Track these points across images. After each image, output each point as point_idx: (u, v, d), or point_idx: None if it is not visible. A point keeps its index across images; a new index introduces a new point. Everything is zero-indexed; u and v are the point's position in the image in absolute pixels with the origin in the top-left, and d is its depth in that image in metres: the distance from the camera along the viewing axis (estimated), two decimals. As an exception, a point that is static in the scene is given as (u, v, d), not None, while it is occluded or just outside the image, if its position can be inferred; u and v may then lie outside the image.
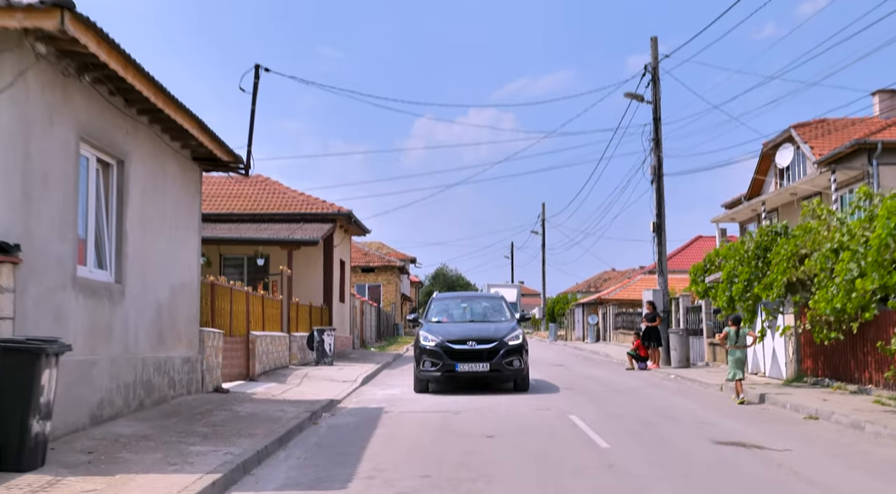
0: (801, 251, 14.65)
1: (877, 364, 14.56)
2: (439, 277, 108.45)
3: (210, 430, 10.05)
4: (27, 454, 7.42)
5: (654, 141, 23.89)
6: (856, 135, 28.08)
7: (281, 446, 9.69)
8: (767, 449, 9.52)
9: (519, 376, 16.45)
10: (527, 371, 16.67)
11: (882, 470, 8.38)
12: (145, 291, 11.57)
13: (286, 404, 13.15)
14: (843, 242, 12.11)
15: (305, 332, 23.88)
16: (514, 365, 16.22)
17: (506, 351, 16.12)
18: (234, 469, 7.79)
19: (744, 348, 15.04)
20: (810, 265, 13.69)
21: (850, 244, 11.62)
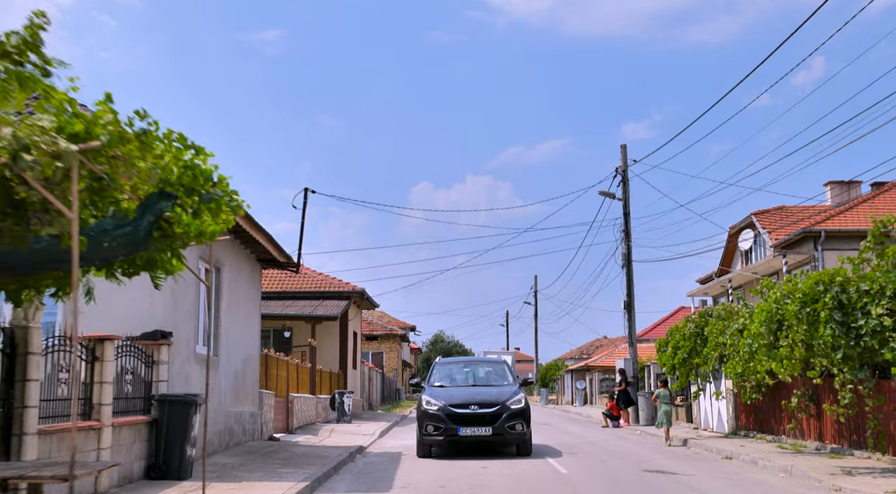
0: (726, 330, 18.87)
1: (787, 418, 18.63)
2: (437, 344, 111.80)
3: (283, 462, 14.08)
4: (184, 469, 11.50)
5: (625, 232, 28.25)
6: (809, 222, 32.46)
7: (336, 472, 13.72)
8: (679, 474, 13.57)
9: (521, 440, 16.46)
10: (529, 435, 16.70)
11: (750, 486, 12.42)
12: (229, 361, 15.71)
13: (328, 448, 17.16)
14: (744, 324, 16.34)
15: (327, 394, 27.86)
16: (517, 429, 16.20)
17: (508, 415, 16.15)
18: (313, 481, 11.83)
19: (669, 404, 19.41)
20: (722, 340, 17.92)
21: (749, 326, 15.82)
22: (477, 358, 24.97)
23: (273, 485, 11.13)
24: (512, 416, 16.17)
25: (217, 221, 6.06)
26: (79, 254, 5.35)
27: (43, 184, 4.69)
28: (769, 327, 14.73)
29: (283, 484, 11.20)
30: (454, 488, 11.88)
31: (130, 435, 11.04)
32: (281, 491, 10.60)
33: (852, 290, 13.04)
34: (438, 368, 18.98)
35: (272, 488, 10.90)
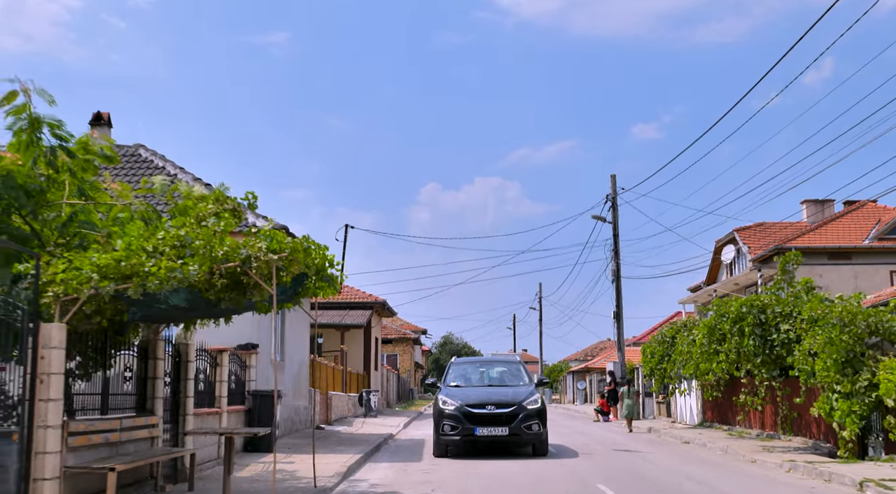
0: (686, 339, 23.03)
1: (738, 412, 22.78)
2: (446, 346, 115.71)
3: (337, 443, 18.33)
4: (268, 445, 15.71)
5: (614, 251, 32.43)
6: (785, 238, 36.52)
7: (377, 450, 17.94)
8: (641, 452, 17.77)
9: (538, 440, 16.57)
10: (546, 435, 16.80)
11: (691, 459, 16.59)
12: (290, 365, 19.97)
13: (365, 435, 21.38)
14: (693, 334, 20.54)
15: (355, 393, 32.10)
16: (534, 429, 16.30)
17: (525, 415, 16.24)
18: (364, 454, 16.04)
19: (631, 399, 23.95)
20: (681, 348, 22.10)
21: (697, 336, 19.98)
22: (492, 358, 24.08)
23: (338, 457, 15.36)
24: (528, 416, 16.24)
25: (330, 290, 10.32)
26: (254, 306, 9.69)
27: (257, 275, 8.93)
28: (710, 338, 18.92)
29: (345, 456, 15.43)
30: (471, 459, 16.10)
31: (236, 419, 15.29)
32: (346, 458, 14.84)
33: (769, 312, 17.23)
34: (454, 368, 18.97)
35: (338, 457, 15.13)
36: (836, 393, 14.87)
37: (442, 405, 16.73)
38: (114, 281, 8.71)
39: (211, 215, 9.68)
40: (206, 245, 8.87)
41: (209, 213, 9.60)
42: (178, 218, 9.58)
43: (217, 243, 9.01)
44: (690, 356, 20.17)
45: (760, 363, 17.15)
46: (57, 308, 8.64)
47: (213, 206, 9.71)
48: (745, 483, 12.87)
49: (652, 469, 14.78)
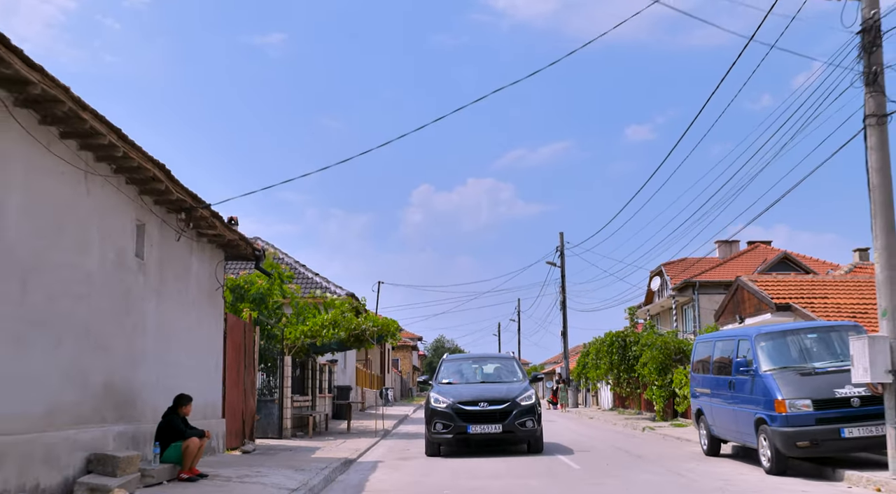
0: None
1: (626, 399, 35.58)
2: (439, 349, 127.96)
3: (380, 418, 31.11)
4: (345, 417, 28.56)
5: (562, 288, 45.21)
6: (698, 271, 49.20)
7: (402, 422, 30.67)
8: (556, 421, 30.54)
9: (532, 437, 16.21)
10: (540, 432, 16.43)
11: (584, 425, 29.36)
12: (350, 370, 32.68)
13: (392, 414, 34.06)
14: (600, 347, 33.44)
15: (376, 389, 44.84)
16: (528, 426, 15.90)
17: (518, 412, 15.85)
18: (398, 422, 28.80)
19: (565, 392, 36.64)
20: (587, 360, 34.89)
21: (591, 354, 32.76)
22: (485, 355, 23.46)
23: (386, 422, 28.01)
24: (522, 413, 15.88)
25: (394, 341, 23.12)
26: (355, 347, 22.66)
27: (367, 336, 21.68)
28: (595, 354, 31.75)
29: (390, 421, 28.11)
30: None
31: (329, 400, 27.96)
32: (390, 422, 27.60)
33: (630, 339, 30.07)
34: (446, 365, 18.66)
35: (387, 422, 27.80)
36: (654, 385, 27.63)
37: (434, 403, 16.40)
38: (308, 339, 21.40)
39: (347, 309, 22.40)
40: (348, 324, 21.56)
41: (347, 308, 22.35)
42: (335, 309, 22.19)
43: (350, 321, 21.68)
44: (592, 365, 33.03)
45: (623, 370, 30.00)
46: (287, 349, 21.32)
47: (347, 305, 22.48)
48: (599, 430, 25.60)
49: (553, 427, 27.49)
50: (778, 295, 20.98)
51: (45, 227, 8.51)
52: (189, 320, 13.36)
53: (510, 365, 18.73)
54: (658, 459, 15.45)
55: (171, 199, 11.46)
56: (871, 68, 11.72)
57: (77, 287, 9.20)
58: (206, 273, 14.40)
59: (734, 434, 14.53)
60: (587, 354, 37.43)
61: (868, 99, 11.81)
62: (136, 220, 11.01)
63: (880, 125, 11.75)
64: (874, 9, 11.79)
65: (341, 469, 13.76)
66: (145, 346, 11.33)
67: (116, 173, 10.17)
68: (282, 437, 20.32)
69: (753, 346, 13.73)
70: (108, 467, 9.18)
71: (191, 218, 12.34)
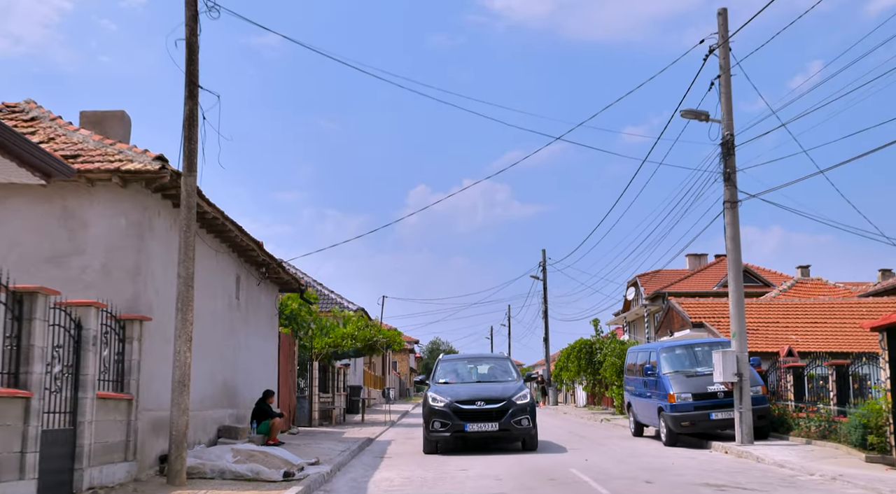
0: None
1: (597, 398, 41.26)
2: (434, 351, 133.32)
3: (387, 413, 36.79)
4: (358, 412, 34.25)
5: (544, 299, 50.88)
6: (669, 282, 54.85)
7: (405, 415, 36.34)
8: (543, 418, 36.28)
9: (528, 435, 16.44)
10: (535, 430, 16.66)
11: (560, 418, 35.06)
12: (358, 371, 38.35)
13: (396, 410, 39.72)
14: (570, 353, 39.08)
15: (378, 388, 50.49)
16: (523, 424, 16.11)
17: (514, 411, 16.06)
18: (402, 415, 34.46)
19: (544, 391, 42.27)
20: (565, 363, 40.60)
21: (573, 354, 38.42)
22: (480, 355, 24.19)
23: (391, 415, 33.65)
24: (518, 411, 16.14)
25: (399, 348, 28.83)
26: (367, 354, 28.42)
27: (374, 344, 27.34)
28: (567, 359, 37.48)
29: (395, 415, 33.76)
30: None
31: (342, 399, 33.61)
32: (395, 415, 33.26)
33: (596, 346, 35.78)
34: (443, 365, 18.82)
35: (392, 415, 33.44)
36: (614, 385, 33.28)
37: (431, 402, 16.57)
38: (331, 348, 27.06)
39: (361, 323, 28.07)
40: (362, 335, 27.20)
41: (361, 323, 28.02)
42: (352, 324, 27.82)
43: (364, 333, 27.32)
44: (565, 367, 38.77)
45: (589, 373, 35.70)
46: (314, 356, 26.96)
47: (362, 322, 28.16)
48: (567, 422, 31.25)
49: (531, 419, 33.07)
50: (695, 315, 26.66)
51: (199, 286, 14.19)
52: (260, 338, 19.03)
53: (505, 365, 18.91)
54: (596, 439, 21.12)
55: (257, 260, 17.17)
56: (727, 170, 17.45)
57: (211, 321, 14.85)
58: (269, 303, 20.10)
59: (648, 419, 20.22)
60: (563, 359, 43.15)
61: (725, 190, 17.53)
62: (236, 274, 16.69)
63: (732, 208, 17.48)
64: (729, 130, 17.50)
65: (367, 443, 19.42)
66: (240, 358, 16.99)
67: (229, 247, 15.87)
68: (311, 425, 25.94)
69: (658, 356, 19.47)
70: (231, 434, 14.85)
71: (267, 269, 18.05)
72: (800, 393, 18.83)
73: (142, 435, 11.36)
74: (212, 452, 12.26)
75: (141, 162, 11.21)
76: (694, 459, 15.43)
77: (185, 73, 11.08)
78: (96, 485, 9.86)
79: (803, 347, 23.21)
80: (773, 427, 18.67)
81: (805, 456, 14.71)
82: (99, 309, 9.99)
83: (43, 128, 12.57)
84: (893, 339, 13.89)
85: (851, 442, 15.03)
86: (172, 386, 11.01)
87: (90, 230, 11.38)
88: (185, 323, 10.99)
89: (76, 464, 9.46)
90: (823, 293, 38.85)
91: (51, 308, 8.76)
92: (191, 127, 11.04)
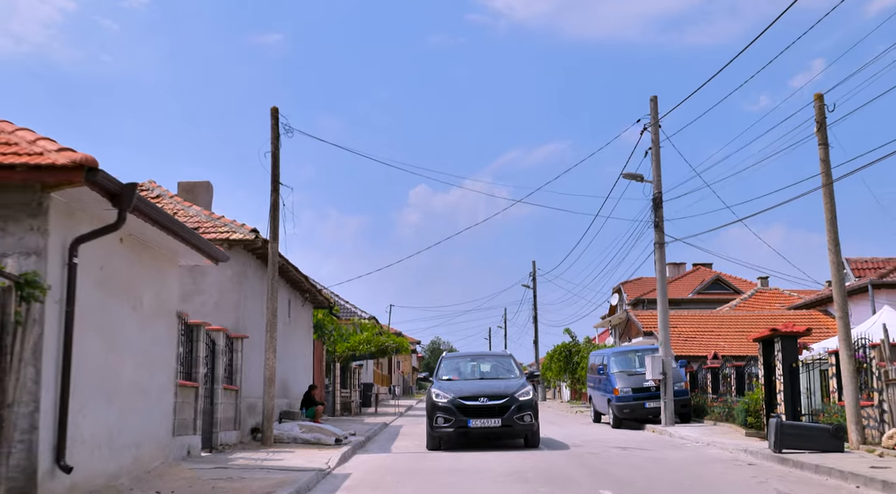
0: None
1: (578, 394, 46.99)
2: (435, 350, 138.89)
3: (394, 406, 42.55)
4: (371, 405, 40.02)
5: (534, 304, 56.67)
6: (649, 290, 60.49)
7: (410, 409, 42.11)
8: (522, 409, 42.10)
9: (530, 431, 16.67)
10: (538, 426, 16.86)
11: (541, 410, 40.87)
12: (369, 371, 44.16)
13: (402, 404, 45.51)
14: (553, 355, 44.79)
15: (386, 385, 56.28)
16: (526, 420, 16.36)
17: (517, 407, 16.32)
18: (407, 409, 40.26)
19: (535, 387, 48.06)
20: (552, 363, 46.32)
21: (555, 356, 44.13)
22: (483, 352, 24.75)
23: (399, 408, 39.39)
24: (521, 408, 16.35)
25: (406, 353, 34.65)
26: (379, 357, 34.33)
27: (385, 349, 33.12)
28: (551, 360, 43.25)
29: (402, 407, 39.51)
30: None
31: (357, 394, 39.38)
32: (403, 408, 39.04)
33: (573, 350, 41.55)
34: (445, 362, 19.03)
35: (400, 408, 39.19)
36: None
37: (435, 398, 16.77)
38: (350, 352, 32.84)
39: (374, 329, 33.83)
40: (376, 341, 32.97)
41: (374, 330, 33.80)
42: (367, 332, 33.59)
43: (378, 339, 33.08)
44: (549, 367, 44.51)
45: (568, 373, 41.45)
46: (336, 358, 32.72)
47: (376, 328, 33.95)
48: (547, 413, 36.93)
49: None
50: (647, 325, 32.37)
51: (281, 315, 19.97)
52: (302, 346, 24.80)
53: (507, 363, 19.08)
54: (562, 424, 26.86)
55: (302, 288, 22.97)
56: (657, 219, 23.19)
57: (281, 334, 20.60)
58: (307, 318, 25.91)
59: (603, 408, 25.98)
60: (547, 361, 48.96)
61: (655, 234, 23.27)
62: (288, 299, 22.45)
63: (661, 248, 23.22)
64: (658, 189, 23.25)
65: (384, 427, 25.17)
66: (290, 362, 22.75)
67: (285, 280, 21.65)
68: (334, 415, 31.69)
69: (608, 359, 25.22)
70: (290, 416, 20.60)
71: (309, 294, 23.87)
72: (716, 388, 24.61)
73: (242, 414, 17.18)
74: (284, 426, 18.01)
75: (241, 233, 17.00)
76: (625, 435, 21.19)
77: (271, 175, 16.84)
78: (223, 443, 15.64)
79: (727, 352, 28.90)
80: (696, 413, 24.45)
81: (704, 433, 20.44)
82: (223, 332, 15.76)
83: (165, 205, 18.31)
84: (766, 348, 19.72)
85: (739, 422, 20.80)
86: (263, 381, 16.81)
87: (207, 278, 17.15)
88: (271, 340, 16.78)
89: (214, 429, 15.22)
90: (779, 301, 44.65)
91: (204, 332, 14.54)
92: (275, 210, 16.80)
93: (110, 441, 9.80)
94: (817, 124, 15.08)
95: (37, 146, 8.38)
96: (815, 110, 15.19)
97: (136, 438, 10.68)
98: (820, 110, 15.15)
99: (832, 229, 15.17)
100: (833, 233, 15.17)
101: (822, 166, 15.11)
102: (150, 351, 11.16)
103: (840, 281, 15.46)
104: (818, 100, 15.24)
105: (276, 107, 17.17)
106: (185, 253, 11.97)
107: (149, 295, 11.05)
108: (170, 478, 10.94)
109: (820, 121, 15.08)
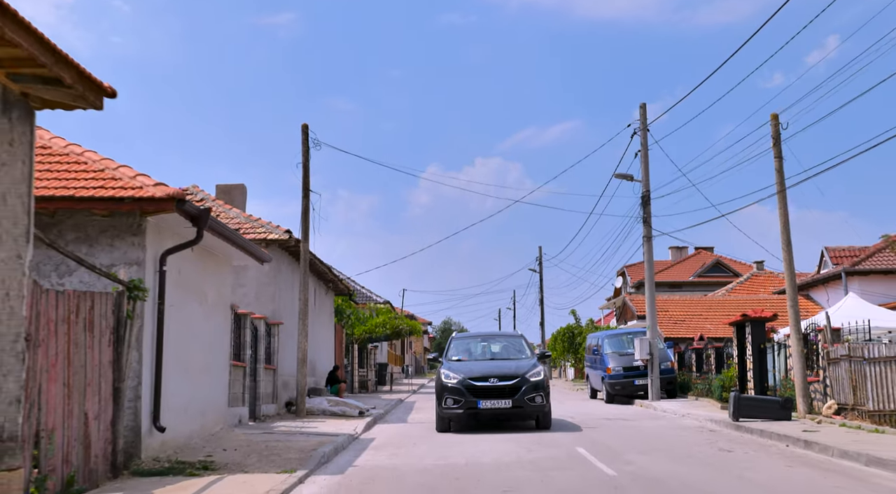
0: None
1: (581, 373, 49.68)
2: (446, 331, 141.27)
3: (408, 384, 45.31)
4: (388, 384, 42.80)
5: (540, 288, 59.25)
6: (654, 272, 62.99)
7: (421, 388, 44.86)
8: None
9: (541, 412, 16.34)
10: (549, 407, 16.50)
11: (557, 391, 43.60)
12: (383, 352, 46.94)
13: (415, 381, 48.28)
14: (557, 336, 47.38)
15: (399, 365, 59.06)
16: (537, 401, 16.06)
17: (528, 388, 16.02)
18: (419, 387, 43.00)
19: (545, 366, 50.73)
20: (552, 345, 49.01)
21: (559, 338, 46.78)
22: (494, 332, 24.10)
23: (413, 386, 42.14)
24: (531, 388, 16.07)
25: (418, 335, 37.37)
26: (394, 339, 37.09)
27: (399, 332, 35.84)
28: (555, 341, 45.92)
29: (415, 385, 42.27)
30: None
31: (373, 373, 42.13)
32: (417, 385, 41.79)
33: (576, 332, 44.18)
34: (455, 343, 18.79)
35: (414, 386, 41.93)
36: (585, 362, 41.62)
37: (444, 378, 16.52)
38: (367, 334, 35.55)
39: (389, 313, 36.54)
40: (391, 324, 35.67)
41: (389, 314, 36.50)
42: (383, 315, 36.31)
43: (392, 322, 35.79)
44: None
45: (570, 353, 44.09)
46: (354, 340, 35.45)
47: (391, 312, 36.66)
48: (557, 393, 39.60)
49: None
50: (640, 309, 34.89)
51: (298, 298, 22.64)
52: (325, 330, 27.50)
53: (518, 343, 18.72)
54: (562, 401, 29.48)
55: (328, 278, 25.64)
56: (645, 215, 25.69)
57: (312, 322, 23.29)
58: (329, 304, 28.60)
59: (597, 385, 28.62)
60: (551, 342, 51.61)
61: (644, 229, 25.79)
62: (314, 287, 25.11)
63: (648, 242, 25.74)
64: (646, 188, 25.73)
65: (399, 402, 27.89)
66: (315, 344, 25.45)
67: (313, 272, 24.32)
68: (353, 392, 34.43)
69: (602, 341, 27.83)
70: (317, 392, 23.30)
71: (333, 284, 26.55)
72: (700, 367, 27.21)
73: (279, 390, 19.90)
74: (313, 400, 20.72)
75: (276, 233, 19.64)
76: (615, 409, 23.82)
77: (302, 183, 19.44)
78: (264, 414, 18.37)
79: (713, 334, 31.44)
80: (681, 390, 27.05)
81: (684, 406, 23.04)
82: (263, 320, 18.43)
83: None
84: (739, 331, 22.27)
85: (716, 397, 23.39)
86: (297, 362, 19.50)
87: (248, 272, 19.80)
88: (303, 326, 19.45)
89: (257, 402, 17.93)
90: (773, 284, 47.07)
91: (249, 320, 17.21)
92: (306, 214, 19.41)
93: (187, 409, 12.48)
94: (773, 140, 17.53)
95: (136, 181, 10.95)
96: (772, 128, 17.63)
97: (203, 407, 13.35)
98: (775, 128, 17.59)
99: (785, 231, 17.66)
100: (786, 235, 17.66)
101: (777, 176, 17.57)
102: (212, 337, 13.82)
103: (791, 276, 17.97)
104: (774, 120, 17.68)
105: (306, 123, 19.75)
106: (237, 256, 14.59)
107: (211, 292, 13.68)
108: (229, 440, 13.61)
109: (775, 137, 17.53)
